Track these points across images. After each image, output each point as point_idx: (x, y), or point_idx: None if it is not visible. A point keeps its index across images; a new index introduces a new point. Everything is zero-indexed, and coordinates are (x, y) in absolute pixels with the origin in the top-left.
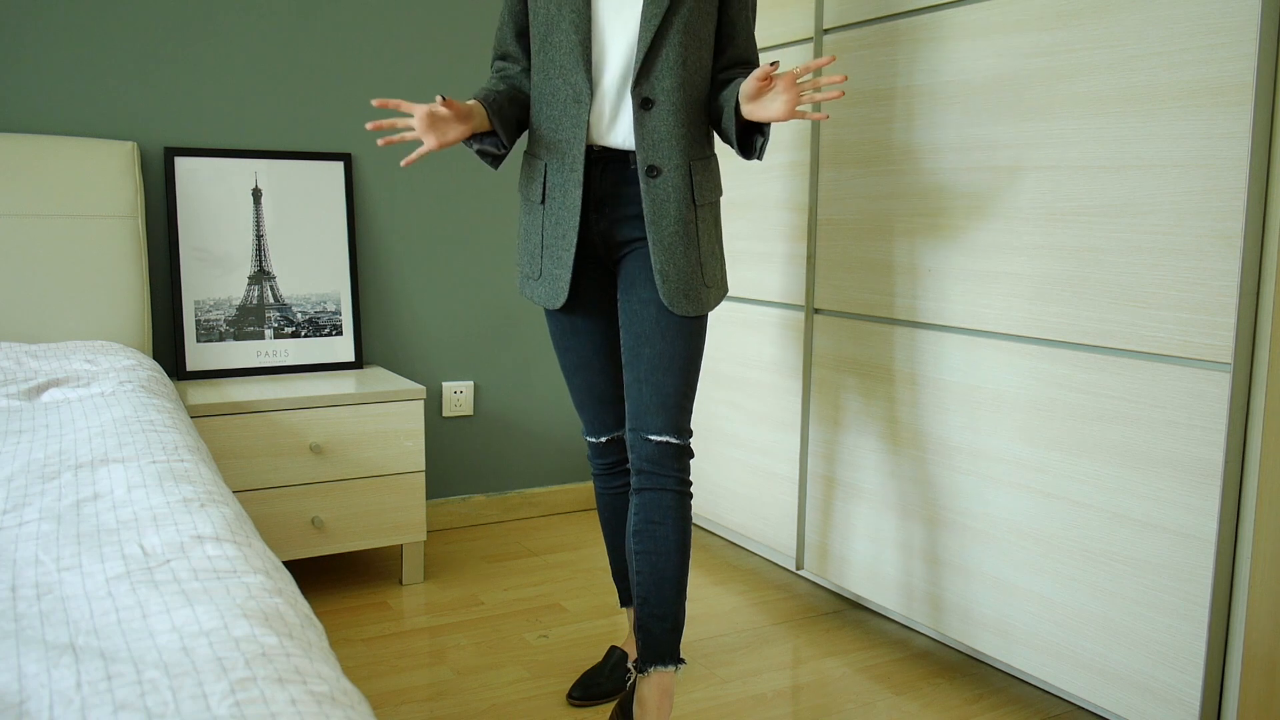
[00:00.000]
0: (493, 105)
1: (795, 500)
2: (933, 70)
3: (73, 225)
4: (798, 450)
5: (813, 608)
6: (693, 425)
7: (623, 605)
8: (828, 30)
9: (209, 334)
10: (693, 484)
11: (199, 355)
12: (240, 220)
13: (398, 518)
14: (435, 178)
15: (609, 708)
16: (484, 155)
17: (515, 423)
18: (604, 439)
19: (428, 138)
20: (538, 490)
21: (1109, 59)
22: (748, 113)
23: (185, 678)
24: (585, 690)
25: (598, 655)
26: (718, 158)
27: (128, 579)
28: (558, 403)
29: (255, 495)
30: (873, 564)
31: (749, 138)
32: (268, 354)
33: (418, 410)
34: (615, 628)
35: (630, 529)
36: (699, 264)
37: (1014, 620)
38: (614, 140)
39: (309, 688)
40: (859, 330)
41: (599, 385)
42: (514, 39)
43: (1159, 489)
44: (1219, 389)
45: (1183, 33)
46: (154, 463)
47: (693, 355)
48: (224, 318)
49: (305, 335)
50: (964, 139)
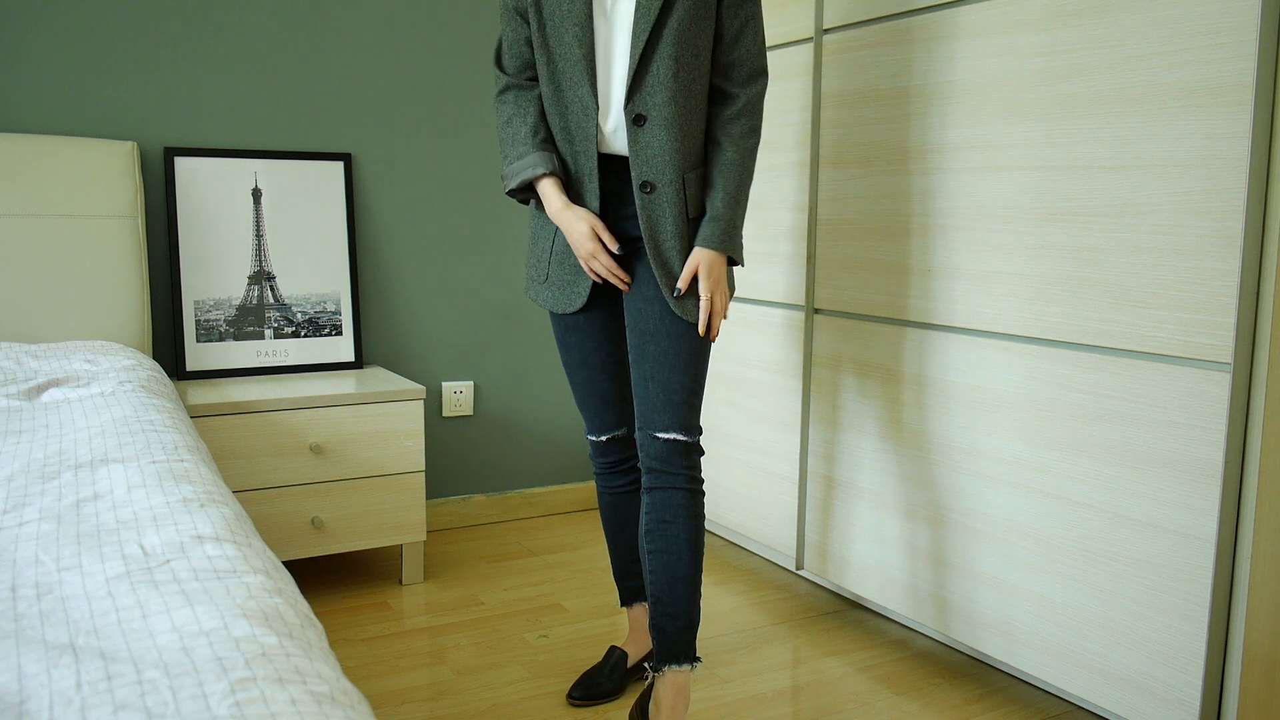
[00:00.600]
0: (559, 169)
1: (795, 500)
2: (933, 70)
3: (73, 225)
4: (798, 450)
5: (813, 608)
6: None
7: (623, 605)
8: (828, 30)
9: (209, 334)
10: (704, 481)
11: (199, 355)
12: (240, 220)
13: (398, 518)
14: (435, 178)
15: (609, 708)
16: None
17: (515, 423)
18: (605, 438)
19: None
20: (538, 490)
21: (1109, 59)
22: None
23: (185, 678)
24: (585, 690)
25: (598, 655)
26: None
27: (128, 579)
28: (558, 403)
29: (255, 495)
30: (873, 564)
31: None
32: (268, 354)
33: (418, 410)
34: (615, 628)
35: (642, 528)
36: None
37: (1014, 620)
38: (621, 149)
39: (309, 688)
40: (859, 330)
41: (600, 384)
42: (527, 44)
43: (1159, 489)
44: (1219, 389)
45: (1183, 33)
46: (154, 463)
47: (699, 352)
48: (224, 318)
49: (305, 335)
50: (964, 139)
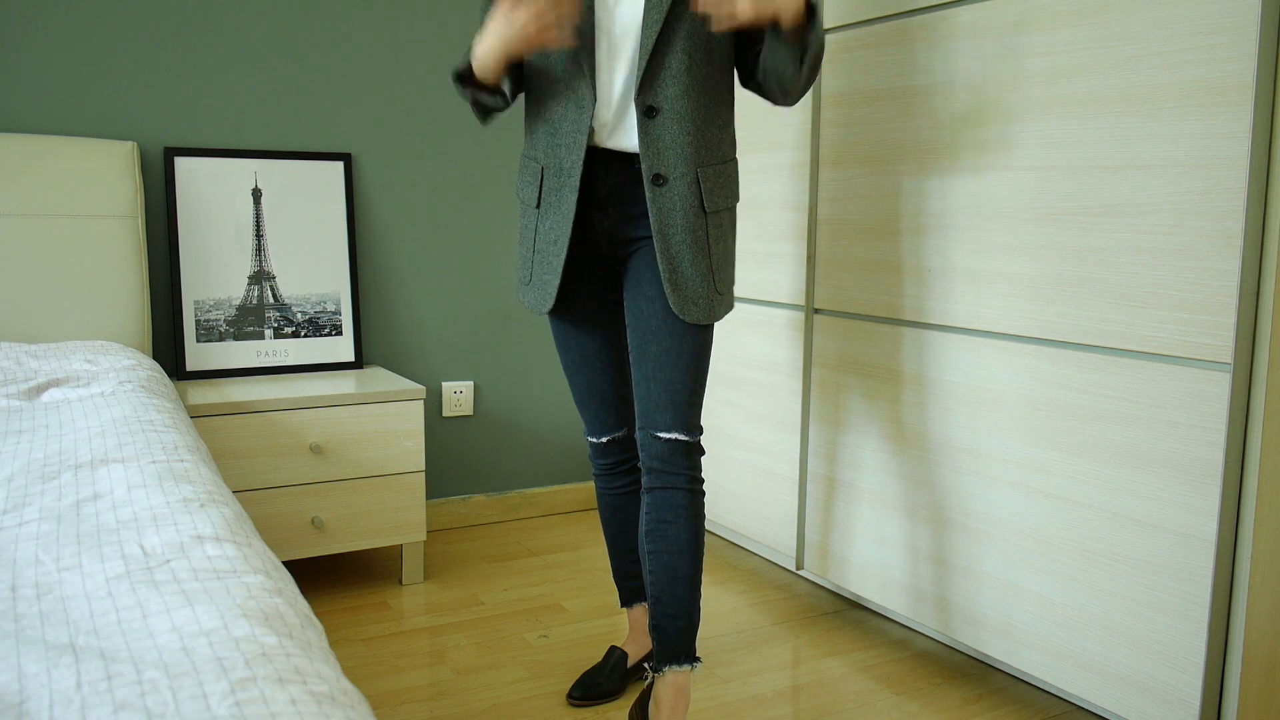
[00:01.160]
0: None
1: (795, 500)
2: (932, 70)
3: (73, 225)
4: (798, 450)
5: (813, 608)
6: None
7: (623, 606)
8: (828, 30)
9: (209, 334)
10: (704, 481)
11: (199, 355)
12: (240, 220)
13: (397, 518)
14: (435, 178)
15: (609, 708)
16: (478, 106)
17: (515, 423)
18: (605, 439)
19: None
20: (538, 490)
21: (1109, 59)
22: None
23: (185, 678)
24: (585, 690)
25: (598, 655)
26: (737, 161)
27: (128, 579)
28: (558, 403)
29: (255, 495)
30: (873, 564)
31: (798, 49)
32: (268, 354)
33: (418, 410)
34: (615, 628)
35: (642, 528)
36: (710, 272)
37: (1015, 620)
38: (618, 144)
39: (309, 688)
40: (859, 330)
41: (600, 385)
42: None
43: (1159, 489)
44: (1219, 389)
45: (1183, 33)
46: (154, 463)
47: (700, 352)
48: (224, 318)
49: (305, 335)
50: (964, 139)
